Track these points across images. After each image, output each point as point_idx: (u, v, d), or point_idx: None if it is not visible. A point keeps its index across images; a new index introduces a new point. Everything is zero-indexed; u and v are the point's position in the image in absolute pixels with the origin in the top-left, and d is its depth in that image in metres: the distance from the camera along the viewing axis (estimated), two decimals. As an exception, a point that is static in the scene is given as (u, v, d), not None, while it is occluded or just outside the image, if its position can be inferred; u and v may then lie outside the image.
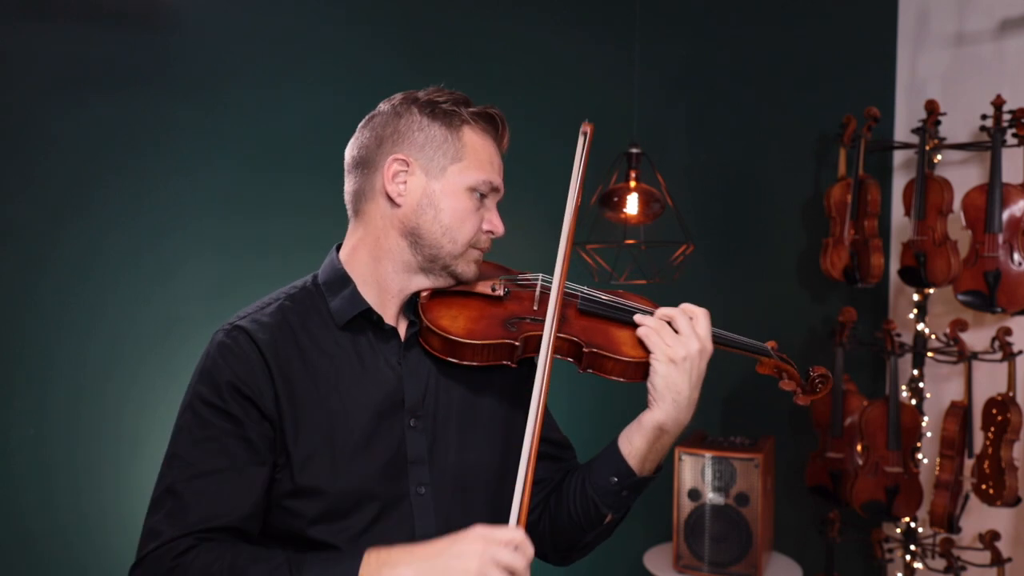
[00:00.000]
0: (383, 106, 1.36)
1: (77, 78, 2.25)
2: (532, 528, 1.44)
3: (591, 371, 1.34)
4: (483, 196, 1.34)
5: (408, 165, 1.31)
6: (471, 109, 1.35)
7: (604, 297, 1.40)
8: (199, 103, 2.42)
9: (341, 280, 1.33)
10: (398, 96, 1.36)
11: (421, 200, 1.31)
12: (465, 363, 1.31)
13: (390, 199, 1.31)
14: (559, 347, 1.32)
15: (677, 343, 1.29)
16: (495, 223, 1.36)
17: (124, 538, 2.36)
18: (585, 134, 1.38)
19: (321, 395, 1.27)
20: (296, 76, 2.57)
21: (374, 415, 1.28)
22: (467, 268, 1.35)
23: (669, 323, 1.32)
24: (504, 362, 1.32)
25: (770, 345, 1.45)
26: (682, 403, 1.29)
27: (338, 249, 1.39)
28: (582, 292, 1.41)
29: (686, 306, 1.35)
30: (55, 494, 2.26)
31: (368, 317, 1.32)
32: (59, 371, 2.26)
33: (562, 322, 1.34)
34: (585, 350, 1.32)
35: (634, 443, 1.33)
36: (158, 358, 2.36)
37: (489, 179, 1.33)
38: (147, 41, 2.34)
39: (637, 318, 1.34)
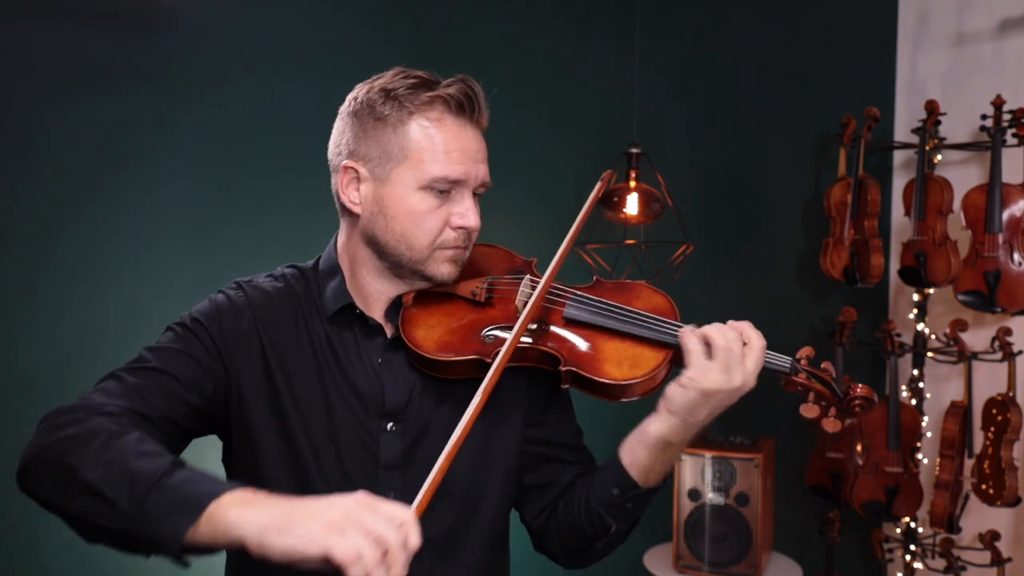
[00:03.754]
0: (344, 102, 1.29)
1: (77, 78, 2.25)
2: (542, 531, 1.38)
3: (572, 388, 1.22)
4: (444, 191, 1.22)
5: (357, 172, 1.24)
6: (428, 94, 1.21)
7: (594, 300, 1.25)
8: (199, 103, 2.42)
9: (333, 270, 1.31)
10: (359, 88, 1.27)
11: (373, 208, 1.24)
12: (441, 376, 1.24)
13: (347, 209, 1.27)
14: (537, 358, 1.22)
15: (718, 372, 1.15)
16: (466, 217, 1.23)
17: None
18: (605, 180, 1.32)
19: (307, 381, 1.25)
20: (297, 76, 2.57)
21: (349, 413, 1.25)
22: (439, 269, 1.25)
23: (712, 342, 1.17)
24: (479, 376, 1.19)
25: (804, 354, 1.25)
26: (693, 425, 1.19)
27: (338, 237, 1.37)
28: (572, 295, 1.26)
29: (745, 329, 1.18)
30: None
31: (353, 311, 1.29)
32: (60, 371, 2.26)
33: (542, 332, 1.23)
34: (563, 368, 1.19)
35: (636, 454, 1.24)
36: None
37: (444, 174, 1.20)
38: (147, 41, 2.34)
39: (683, 332, 1.18)
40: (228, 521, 0.96)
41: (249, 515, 0.96)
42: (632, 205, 2.70)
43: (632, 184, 2.72)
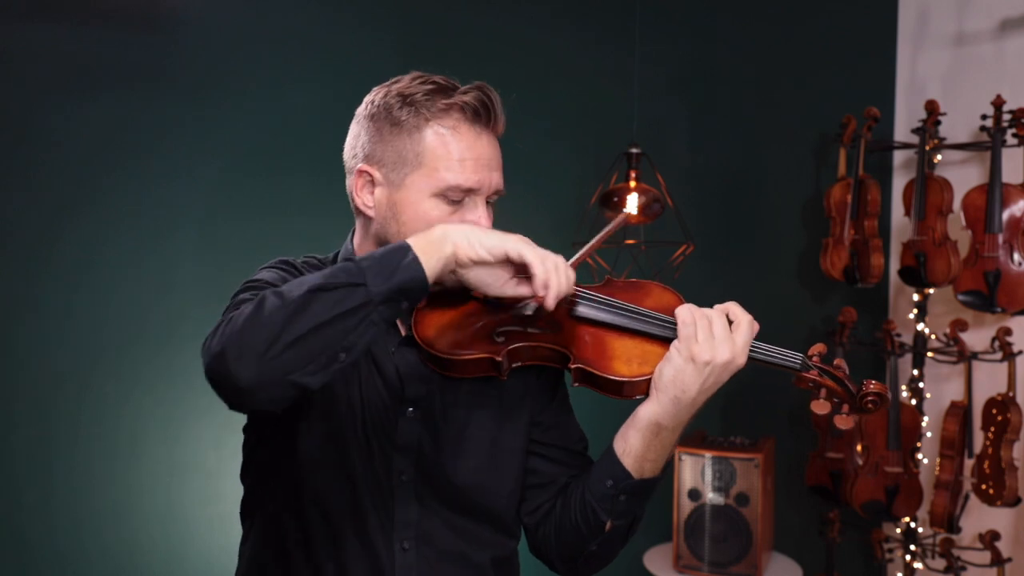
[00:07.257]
0: (361, 105, 1.29)
1: (77, 78, 2.25)
2: (536, 529, 1.38)
3: (580, 386, 1.22)
4: (457, 200, 1.22)
5: (372, 176, 1.25)
6: (444, 101, 1.22)
7: (604, 299, 1.26)
8: (199, 103, 2.42)
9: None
10: (376, 91, 1.28)
11: (386, 212, 1.25)
12: (455, 376, 1.23)
13: (361, 211, 1.28)
14: (547, 356, 1.22)
15: (707, 343, 1.17)
16: (478, 224, 1.23)
17: (123, 539, 2.36)
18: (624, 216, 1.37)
19: None
20: (296, 76, 2.57)
21: (373, 391, 1.26)
22: (447, 277, 1.20)
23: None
24: (492, 375, 1.22)
25: (816, 351, 1.27)
26: (684, 403, 1.19)
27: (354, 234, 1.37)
28: (579, 291, 1.26)
29: (732, 307, 1.22)
30: (55, 495, 2.26)
31: None
32: (60, 371, 2.26)
33: (553, 329, 1.23)
34: (572, 365, 1.20)
35: (629, 441, 1.23)
36: (160, 358, 2.36)
37: (457, 183, 1.21)
38: (147, 41, 2.34)
39: (680, 308, 1.22)
40: (436, 238, 1.08)
41: (450, 228, 1.10)
42: (632, 205, 2.70)
43: (632, 184, 2.72)
